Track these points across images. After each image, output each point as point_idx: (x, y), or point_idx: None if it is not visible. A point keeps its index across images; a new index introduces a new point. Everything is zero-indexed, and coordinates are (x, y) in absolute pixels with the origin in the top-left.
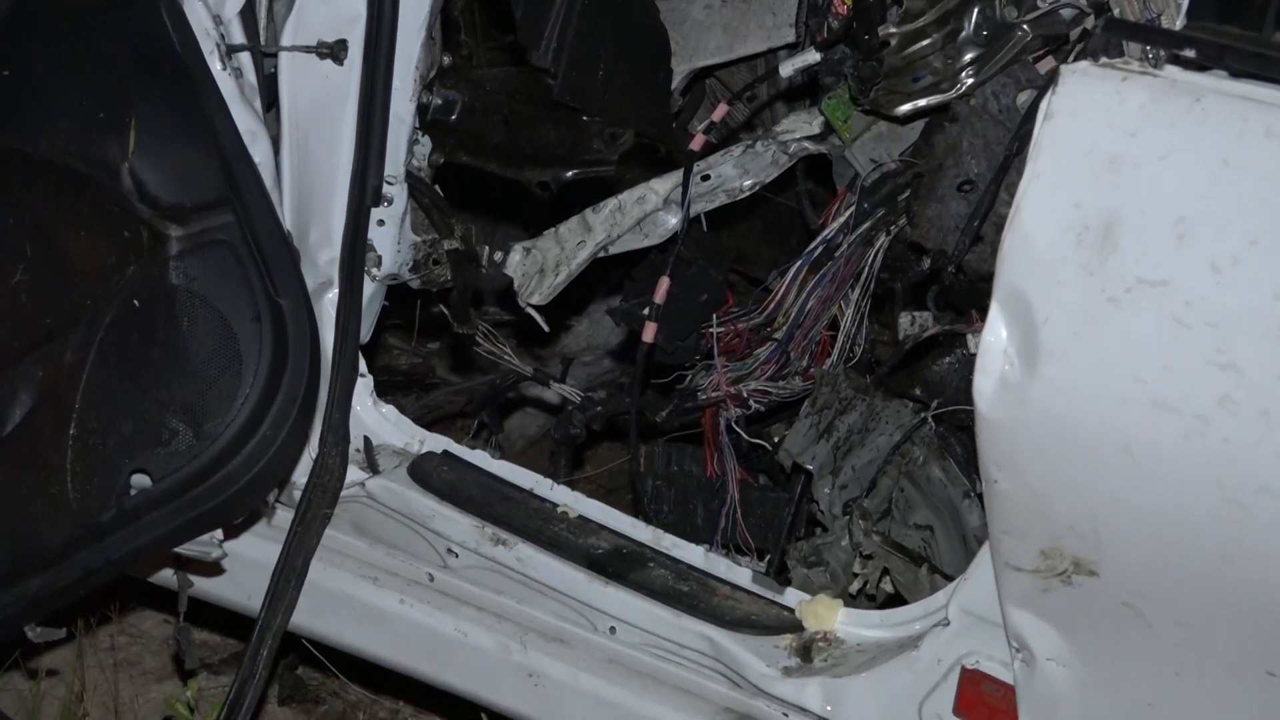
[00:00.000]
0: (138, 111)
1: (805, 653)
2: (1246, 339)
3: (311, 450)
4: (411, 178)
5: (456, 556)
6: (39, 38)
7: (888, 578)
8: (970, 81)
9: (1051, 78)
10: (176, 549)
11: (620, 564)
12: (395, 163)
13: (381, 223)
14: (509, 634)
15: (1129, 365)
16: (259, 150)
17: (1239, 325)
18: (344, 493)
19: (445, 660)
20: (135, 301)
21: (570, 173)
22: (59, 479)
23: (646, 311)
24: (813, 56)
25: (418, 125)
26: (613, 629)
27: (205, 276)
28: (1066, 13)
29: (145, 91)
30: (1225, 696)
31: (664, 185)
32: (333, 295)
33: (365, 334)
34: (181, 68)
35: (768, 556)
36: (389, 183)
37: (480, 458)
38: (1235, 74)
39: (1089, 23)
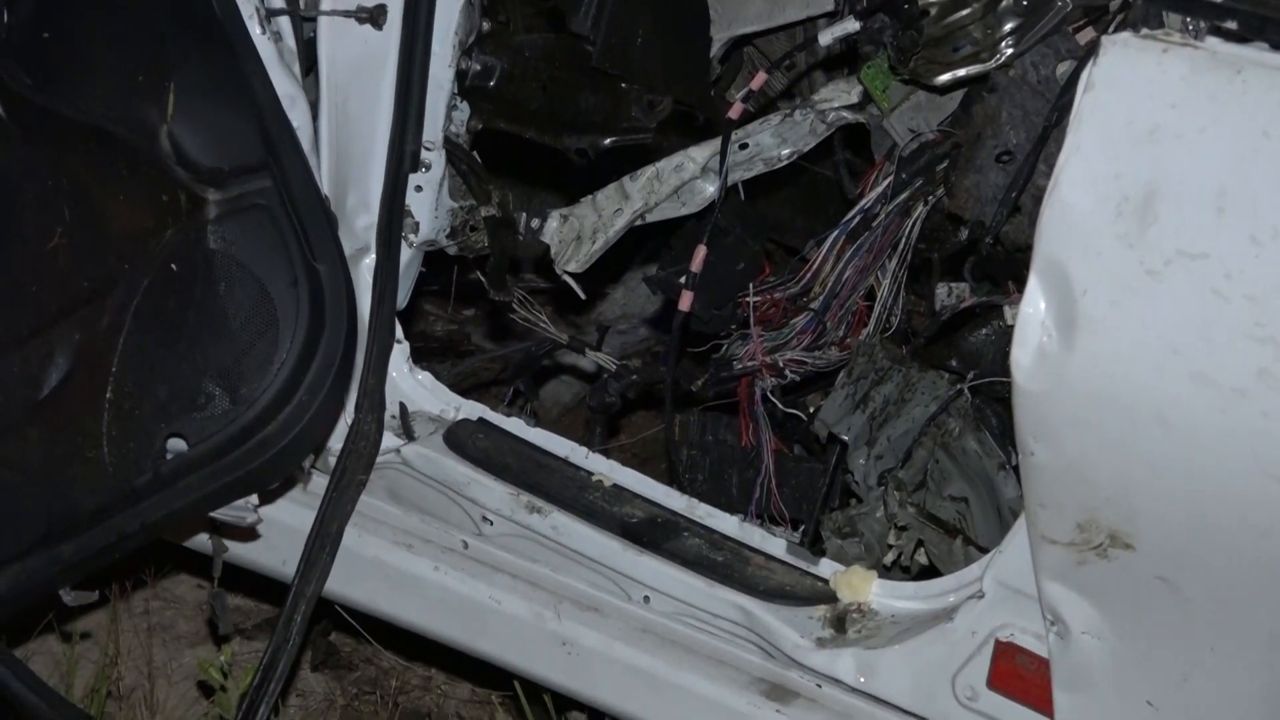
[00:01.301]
0: (177, 75)
1: (839, 624)
2: None
3: (347, 416)
4: (449, 144)
5: (491, 524)
6: (79, 0)
7: (922, 549)
8: (1010, 51)
9: (1092, 49)
10: (212, 514)
11: (654, 533)
12: (433, 128)
13: (419, 188)
14: (543, 602)
15: (1167, 337)
16: (297, 115)
17: (1279, 299)
18: (379, 459)
19: (479, 628)
20: (173, 265)
21: (608, 140)
22: (95, 443)
23: (683, 280)
24: (852, 25)
25: (456, 91)
26: (646, 598)
27: (243, 241)
28: None
29: (184, 55)
30: (1261, 672)
31: (702, 153)
32: (370, 261)
33: (402, 300)
34: (221, 31)
35: (802, 527)
36: (427, 148)
37: (515, 425)
38: (1277, 46)
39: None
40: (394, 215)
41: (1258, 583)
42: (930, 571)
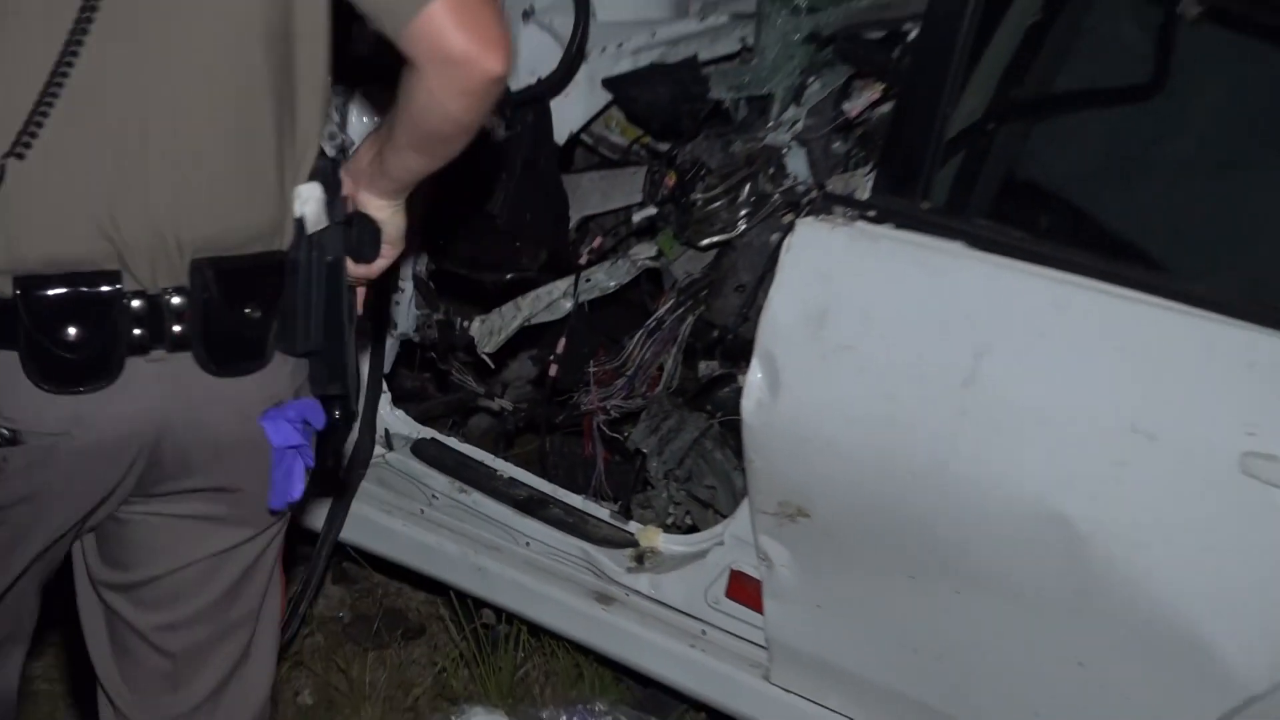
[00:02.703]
0: None
1: (640, 559)
2: (903, 382)
3: (353, 437)
4: (416, 278)
5: (437, 499)
6: None
7: (689, 516)
8: (744, 227)
9: (791, 226)
10: None
11: (533, 505)
12: (406, 271)
13: (397, 303)
14: (467, 545)
15: (833, 395)
16: None
17: (899, 372)
18: (372, 461)
19: (427, 559)
20: None
21: (509, 275)
22: None
23: (552, 358)
24: (652, 210)
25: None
26: (528, 543)
27: None
28: (800, 187)
29: None
30: (893, 592)
31: (563, 284)
32: (369, 347)
33: (387, 368)
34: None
35: (620, 502)
36: (403, 282)
37: (453, 442)
38: (899, 226)
39: (814, 193)
40: (381, 320)
41: (888, 537)
42: (694, 529)
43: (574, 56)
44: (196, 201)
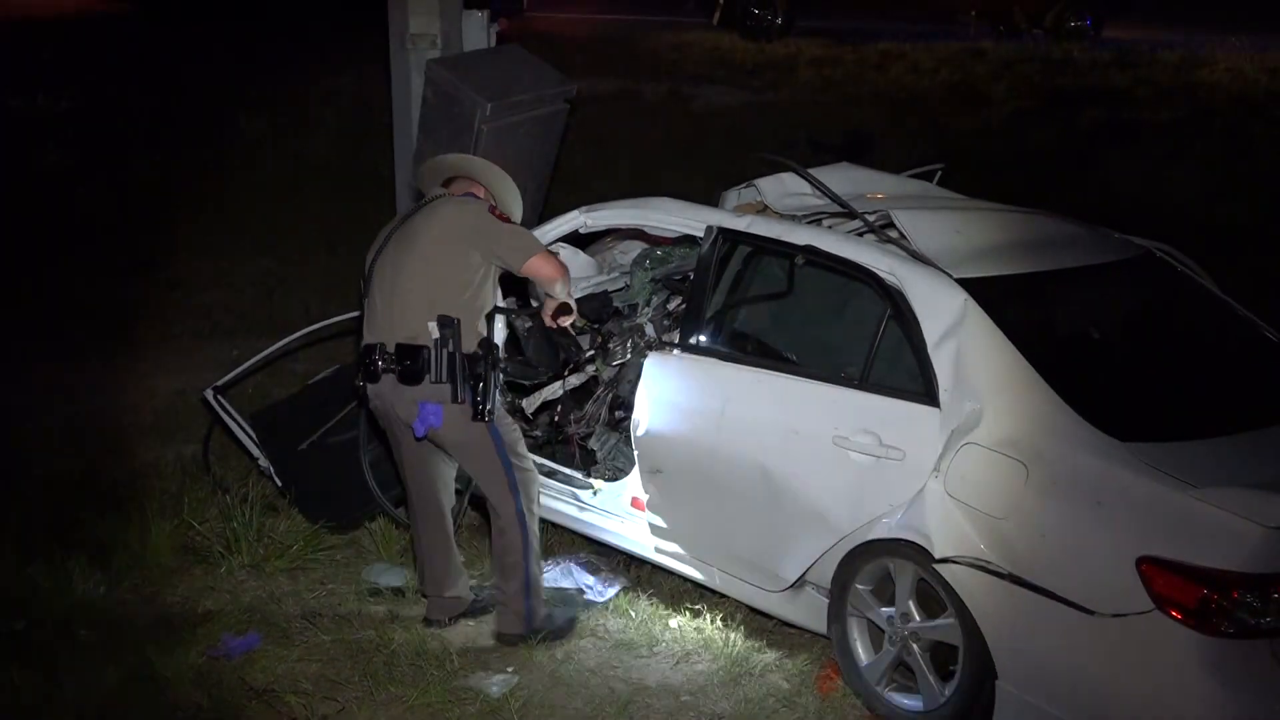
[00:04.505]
0: None
1: (595, 493)
2: (695, 415)
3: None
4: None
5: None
6: None
7: (615, 475)
8: (630, 356)
9: (646, 355)
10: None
11: (550, 473)
12: (496, 379)
13: (496, 393)
14: (552, 493)
15: (668, 422)
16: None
17: (694, 412)
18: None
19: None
20: None
21: (536, 381)
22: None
23: (556, 412)
24: (593, 352)
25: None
26: (552, 489)
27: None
28: (651, 340)
29: None
30: (696, 498)
31: (558, 384)
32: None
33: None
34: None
35: (586, 471)
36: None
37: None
38: (692, 353)
39: (657, 342)
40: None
41: (694, 476)
42: (616, 479)
43: None
44: (399, 321)
